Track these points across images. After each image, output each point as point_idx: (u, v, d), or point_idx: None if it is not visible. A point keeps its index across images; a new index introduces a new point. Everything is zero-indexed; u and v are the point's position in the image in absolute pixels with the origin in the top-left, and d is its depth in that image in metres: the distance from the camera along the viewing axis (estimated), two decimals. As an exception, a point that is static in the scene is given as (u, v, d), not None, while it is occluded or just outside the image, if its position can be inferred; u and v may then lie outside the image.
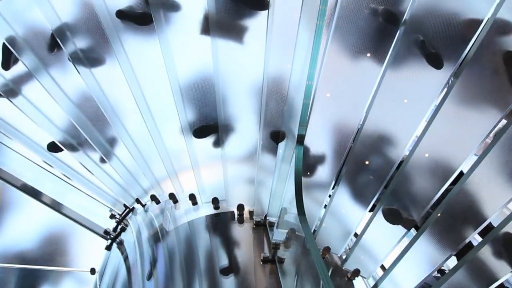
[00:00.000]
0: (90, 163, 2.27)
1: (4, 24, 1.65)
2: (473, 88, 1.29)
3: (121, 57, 1.68)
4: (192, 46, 1.65)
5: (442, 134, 1.42)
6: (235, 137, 1.90)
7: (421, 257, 1.67)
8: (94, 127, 2.04)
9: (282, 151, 1.83)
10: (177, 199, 2.26)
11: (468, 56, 1.26)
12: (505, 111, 1.25)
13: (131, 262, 2.07)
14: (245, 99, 1.75)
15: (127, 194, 2.44)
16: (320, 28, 1.34)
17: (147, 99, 1.85)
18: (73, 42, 1.68)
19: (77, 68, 1.73)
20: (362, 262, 1.97)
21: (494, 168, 1.30)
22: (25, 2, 1.63)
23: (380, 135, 1.61)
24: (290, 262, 1.72)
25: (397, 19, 1.32)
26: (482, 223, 1.41)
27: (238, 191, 2.09)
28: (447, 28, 1.26)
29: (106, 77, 1.81)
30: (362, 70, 1.46)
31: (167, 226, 2.10)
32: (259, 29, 1.48)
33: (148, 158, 2.18)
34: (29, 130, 2.19)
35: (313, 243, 1.40)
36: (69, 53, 1.69)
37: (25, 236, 2.40)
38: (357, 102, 1.56)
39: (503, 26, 1.15)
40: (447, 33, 1.26)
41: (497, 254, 1.41)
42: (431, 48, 1.31)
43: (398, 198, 1.69)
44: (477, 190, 1.38)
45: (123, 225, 2.41)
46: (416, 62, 1.38)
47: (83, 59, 1.73)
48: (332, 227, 1.99)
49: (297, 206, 1.53)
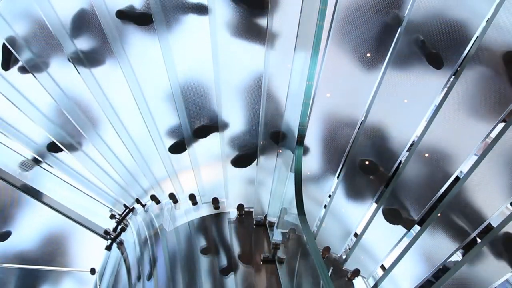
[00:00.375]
0: (91, 164, 2.28)
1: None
2: (473, 89, 1.30)
3: (121, 57, 1.68)
4: (192, 47, 1.65)
5: (441, 134, 1.42)
6: (236, 137, 1.90)
7: (420, 257, 1.67)
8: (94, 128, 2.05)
9: (282, 151, 1.83)
10: (177, 199, 2.26)
11: (469, 54, 1.26)
12: (505, 111, 1.25)
13: (131, 262, 2.07)
14: (245, 99, 1.75)
15: (127, 194, 2.44)
16: (320, 28, 1.34)
17: (147, 99, 1.85)
18: (73, 43, 1.69)
19: (77, 68, 1.73)
20: (362, 262, 1.97)
21: (494, 168, 1.30)
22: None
23: (380, 135, 1.61)
24: (290, 262, 1.72)
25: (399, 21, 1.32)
26: (482, 223, 1.41)
27: (238, 191, 2.09)
28: (448, 29, 1.26)
29: (106, 77, 1.81)
30: (362, 70, 1.46)
31: (167, 226, 2.10)
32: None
33: (148, 158, 2.18)
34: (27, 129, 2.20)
35: (313, 243, 1.40)
36: (68, 54, 1.69)
37: (25, 236, 2.39)
38: (357, 102, 1.56)
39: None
40: (448, 35, 1.27)
41: (498, 255, 1.41)
42: (431, 48, 1.31)
43: (398, 198, 1.69)
44: (476, 191, 1.38)
45: (123, 225, 2.41)
46: (416, 62, 1.38)
47: (83, 60, 1.73)
48: (332, 227, 1.99)
49: (297, 206, 1.53)
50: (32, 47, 1.74)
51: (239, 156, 1.91)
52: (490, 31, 1.18)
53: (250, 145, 1.87)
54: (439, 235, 1.56)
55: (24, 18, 1.68)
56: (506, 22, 1.15)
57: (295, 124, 1.64)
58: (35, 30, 1.70)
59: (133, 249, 2.13)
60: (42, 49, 1.75)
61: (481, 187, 1.38)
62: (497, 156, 1.28)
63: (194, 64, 1.71)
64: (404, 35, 1.33)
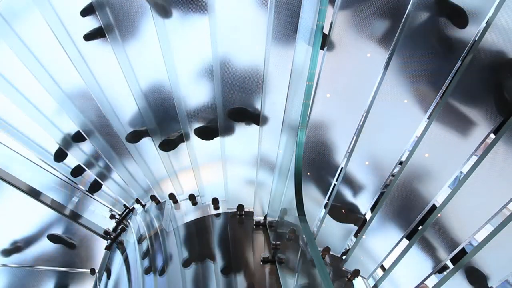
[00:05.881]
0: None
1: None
2: (473, 89, 1.29)
3: (120, 56, 1.69)
4: (189, 42, 1.65)
5: (441, 135, 1.42)
6: (236, 137, 1.90)
7: (420, 257, 1.67)
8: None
9: (282, 151, 1.83)
10: (177, 199, 2.26)
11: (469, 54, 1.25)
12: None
13: (131, 262, 2.07)
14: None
15: (127, 194, 2.44)
16: (320, 28, 1.34)
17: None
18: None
19: (77, 68, 1.74)
20: (362, 262, 1.97)
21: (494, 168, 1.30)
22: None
23: (380, 135, 1.61)
24: (290, 262, 1.72)
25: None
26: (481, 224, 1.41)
27: (238, 191, 2.09)
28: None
29: (106, 77, 1.81)
30: (362, 70, 1.46)
31: (167, 226, 2.10)
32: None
33: (148, 158, 2.18)
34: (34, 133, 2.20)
35: (313, 243, 1.40)
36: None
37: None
38: (357, 102, 1.56)
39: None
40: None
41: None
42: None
43: (397, 198, 1.69)
44: (476, 191, 1.38)
45: (123, 225, 2.41)
46: (416, 62, 1.38)
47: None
48: (332, 227, 1.99)
49: (297, 206, 1.53)
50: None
51: (205, 127, 1.91)
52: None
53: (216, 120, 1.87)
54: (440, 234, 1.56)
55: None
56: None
57: (295, 124, 1.64)
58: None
59: (133, 249, 2.13)
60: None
61: (480, 189, 1.38)
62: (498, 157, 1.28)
63: (194, 58, 1.71)
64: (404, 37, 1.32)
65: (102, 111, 1.90)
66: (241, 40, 1.57)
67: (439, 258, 1.61)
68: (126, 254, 2.17)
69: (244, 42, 1.58)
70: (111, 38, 1.63)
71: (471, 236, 1.48)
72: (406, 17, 1.29)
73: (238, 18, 1.51)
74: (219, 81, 1.67)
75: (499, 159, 1.28)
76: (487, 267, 1.46)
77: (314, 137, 1.70)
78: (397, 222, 1.73)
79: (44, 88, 1.83)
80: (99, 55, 1.75)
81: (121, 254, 2.22)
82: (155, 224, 2.19)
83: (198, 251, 1.91)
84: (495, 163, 1.29)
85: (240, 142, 1.92)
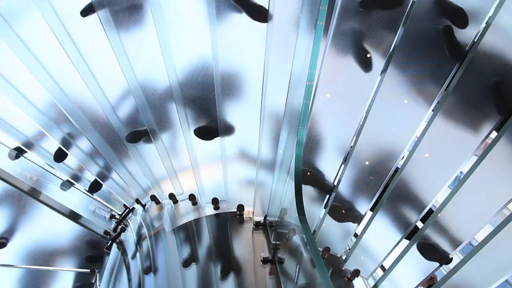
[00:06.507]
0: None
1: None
2: (473, 89, 1.30)
3: (119, 55, 1.68)
4: (189, 41, 1.66)
5: (441, 135, 1.42)
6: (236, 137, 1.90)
7: (420, 257, 1.67)
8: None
9: (282, 151, 1.83)
10: (177, 199, 2.26)
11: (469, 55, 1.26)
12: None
13: (131, 262, 2.07)
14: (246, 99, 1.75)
15: (127, 194, 2.43)
16: (320, 28, 1.34)
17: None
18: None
19: (77, 68, 1.73)
20: (362, 262, 1.97)
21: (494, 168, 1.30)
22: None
23: (380, 135, 1.61)
24: (290, 263, 1.72)
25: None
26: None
27: (238, 191, 2.09)
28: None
29: (105, 76, 1.81)
30: (362, 70, 1.46)
31: (167, 227, 2.09)
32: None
33: (148, 158, 2.17)
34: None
35: (313, 243, 1.40)
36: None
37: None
38: (357, 102, 1.56)
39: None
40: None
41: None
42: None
43: (397, 198, 1.69)
44: (476, 191, 1.38)
45: (123, 225, 2.41)
46: (416, 62, 1.38)
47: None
48: (332, 227, 1.99)
49: (297, 206, 1.53)
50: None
51: (205, 127, 1.91)
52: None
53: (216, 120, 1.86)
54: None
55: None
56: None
57: (295, 124, 1.63)
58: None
59: (133, 249, 2.13)
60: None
61: (480, 188, 1.38)
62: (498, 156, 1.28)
63: (192, 57, 1.71)
64: (404, 37, 1.33)
65: (102, 111, 1.90)
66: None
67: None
68: (126, 254, 2.17)
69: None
70: (111, 37, 1.62)
71: (471, 236, 1.48)
72: (406, 17, 1.30)
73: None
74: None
75: (499, 159, 1.28)
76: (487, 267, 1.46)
77: (314, 137, 1.70)
78: (397, 222, 1.73)
79: (44, 88, 1.83)
80: (99, 55, 1.75)
81: (121, 254, 2.22)
82: (155, 224, 2.19)
83: (198, 251, 1.91)
84: (495, 163, 1.29)
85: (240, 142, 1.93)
